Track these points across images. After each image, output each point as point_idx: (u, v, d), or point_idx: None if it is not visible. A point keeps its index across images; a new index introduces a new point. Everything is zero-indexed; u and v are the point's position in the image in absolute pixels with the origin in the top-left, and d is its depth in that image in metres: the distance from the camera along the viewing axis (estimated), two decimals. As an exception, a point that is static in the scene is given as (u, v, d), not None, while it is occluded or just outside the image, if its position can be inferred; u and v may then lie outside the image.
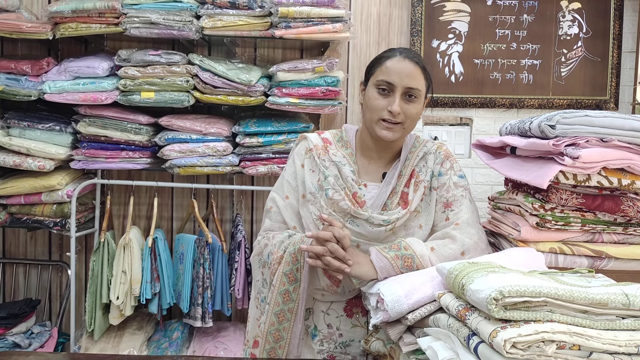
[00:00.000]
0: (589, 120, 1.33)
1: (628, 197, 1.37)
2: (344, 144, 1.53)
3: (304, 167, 1.50)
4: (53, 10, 2.37)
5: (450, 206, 1.46)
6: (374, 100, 1.42)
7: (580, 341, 0.85)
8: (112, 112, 2.47)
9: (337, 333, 1.43)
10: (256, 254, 1.50)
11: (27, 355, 1.38)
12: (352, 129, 1.57)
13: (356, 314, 1.43)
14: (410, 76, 1.40)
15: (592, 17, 2.84)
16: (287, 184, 1.52)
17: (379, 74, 1.43)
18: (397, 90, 1.39)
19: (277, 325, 1.38)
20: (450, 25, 2.84)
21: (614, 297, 0.89)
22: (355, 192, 1.42)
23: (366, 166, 1.51)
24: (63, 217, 2.55)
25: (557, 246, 1.39)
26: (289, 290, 1.37)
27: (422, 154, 1.50)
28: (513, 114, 2.87)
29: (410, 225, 1.44)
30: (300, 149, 1.55)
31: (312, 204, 1.45)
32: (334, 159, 1.47)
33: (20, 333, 2.54)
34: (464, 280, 0.98)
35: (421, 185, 1.46)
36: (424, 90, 1.44)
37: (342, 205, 1.40)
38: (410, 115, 1.41)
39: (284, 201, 1.51)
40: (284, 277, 1.37)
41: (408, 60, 1.41)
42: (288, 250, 1.38)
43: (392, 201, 1.44)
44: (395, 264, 1.29)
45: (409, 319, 1.11)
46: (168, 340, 2.56)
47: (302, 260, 1.36)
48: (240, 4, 2.39)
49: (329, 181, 1.43)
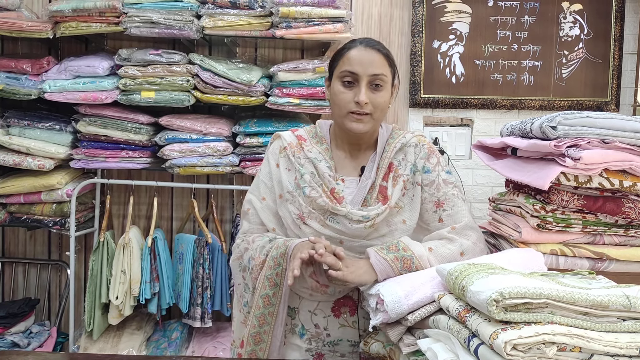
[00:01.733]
0: (591, 122, 1.33)
1: (629, 199, 1.37)
2: (318, 140, 1.50)
3: (279, 167, 1.47)
4: (53, 9, 2.37)
5: (442, 205, 1.44)
6: (339, 94, 1.39)
7: (581, 343, 0.84)
8: (112, 112, 2.47)
9: (325, 333, 1.41)
10: (236, 258, 1.48)
11: (25, 355, 1.38)
12: (326, 124, 1.54)
13: (344, 313, 1.40)
14: (373, 64, 1.37)
15: (593, 19, 2.84)
16: (263, 185, 1.50)
17: (341, 65, 1.40)
18: (362, 80, 1.36)
19: (257, 329, 1.37)
20: (452, 26, 2.83)
21: (615, 299, 0.89)
22: (333, 188, 1.40)
23: (342, 160, 1.48)
24: (62, 217, 2.54)
25: (558, 248, 1.38)
26: (269, 295, 1.35)
27: (400, 145, 1.46)
28: (514, 115, 2.87)
29: (392, 220, 1.41)
30: (275, 148, 1.52)
31: (291, 203, 1.42)
32: (309, 156, 1.44)
33: (19, 332, 2.54)
34: (464, 282, 0.98)
35: (400, 180, 1.42)
36: (389, 76, 1.41)
37: (319, 203, 1.37)
38: (379, 105, 1.38)
39: (260, 203, 1.49)
40: (265, 280, 1.36)
41: (370, 48, 1.39)
42: (271, 254, 1.36)
43: (372, 196, 1.41)
44: (394, 266, 1.28)
45: (409, 319, 1.10)
46: (167, 340, 2.56)
47: (284, 264, 1.34)
48: (241, 4, 2.39)
49: (305, 179, 1.40)
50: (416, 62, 2.81)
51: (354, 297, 1.40)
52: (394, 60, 1.45)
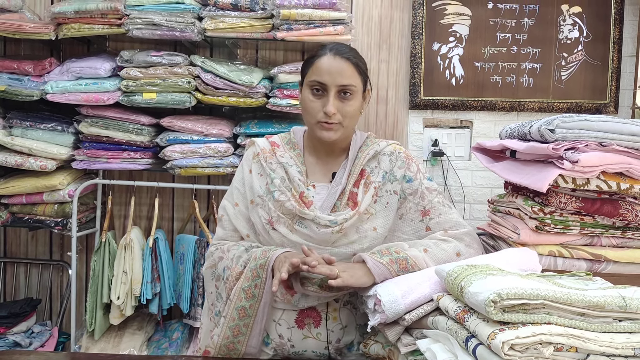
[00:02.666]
0: (588, 125, 1.34)
1: (627, 201, 1.38)
2: (292, 146, 1.49)
3: (252, 172, 1.46)
4: (56, 10, 2.38)
5: (428, 214, 1.42)
6: (309, 102, 1.38)
7: (577, 343, 0.86)
8: (114, 113, 2.48)
9: (289, 344, 1.37)
10: (209, 266, 1.46)
11: (28, 355, 1.39)
12: (300, 130, 1.54)
13: (308, 324, 1.36)
14: (342, 74, 1.35)
15: (593, 21, 2.85)
16: (236, 191, 1.48)
17: (311, 74, 1.39)
18: (330, 90, 1.35)
19: (231, 339, 1.34)
20: (451, 28, 2.85)
21: (611, 299, 0.90)
22: (302, 192, 1.38)
23: (314, 166, 1.47)
24: (64, 217, 2.56)
25: (556, 249, 1.40)
26: (245, 307, 1.32)
27: (373, 152, 1.45)
28: (513, 117, 2.88)
29: (362, 227, 1.38)
30: (249, 154, 1.51)
31: (261, 207, 1.41)
32: (281, 161, 1.44)
33: (20, 332, 2.55)
34: (462, 283, 0.99)
35: (372, 187, 1.41)
36: (359, 85, 1.39)
37: (287, 206, 1.36)
38: (348, 114, 1.37)
39: (234, 209, 1.47)
40: (242, 292, 1.32)
41: (339, 57, 1.36)
42: (249, 266, 1.33)
43: (342, 202, 1.39)
44: (391, 268, 1.26)
45: (406, 319, 1.11)
46: (168, 340, 2.57)
47: (263, 275, 1.31)
48: (242, 6, 2.40)
49: (276, 183, 1.39)
50: (416, 64, 2.83)
51: (319, 308, 1.36)
52: (365, 67, 1.42)
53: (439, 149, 2.84)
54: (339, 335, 1.37)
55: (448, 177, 2.85)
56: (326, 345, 1.36)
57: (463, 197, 2.85)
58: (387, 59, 2.85)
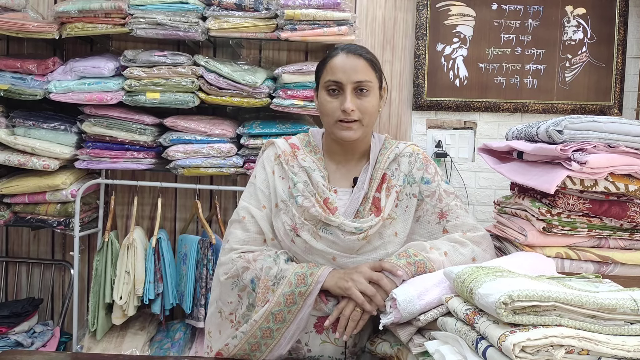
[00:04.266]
0: (597, 126, 1.34)
1: (635, 203, 1.38)
2: (312, 149, 1.47)
3: (275, 174, 1.44)
4: (59, 10, 2.38)
5: (445, 216, 1.42)
6: (326, 103, 1.38)
7: (589, 346, 0.85)
8: (117, 112, 2.48)
9: (306, 348, 1.35)
10: (231, 276, 1.38)
11: (30, 355, 1.38)
12: (318, 132, 1.52)
13: (326, 329, 1.33)
14: (356, 71, 1.35)
15: (597, 23, 2.85)
16: (261, 193, 1.44)
17: (325, 75, 1.39)
18: (346, 88, 1.35)
19: (248, 351, 1.31)
20: (455, 29, 2.84)
21: (622, 302, 0.89)
22: (327, 198, 1.36)
23: (335, 171, 1.45)
24: (67, 217, 2.55)
25: (564, 251, 1.39)
26: (272, 329, 1.28)
27: (394, 155, 1.44)
28: (517, 119, 2.88)
29: (385, 233, 1.37)
30: (270, 155, 1.48)
31: (285, 213, 1.38)
32: (303, 165, 1.41)
33: (22, 332, 2.54)
34: (472, 284, 0.98)
35: (393, 191, 1.39)
36: (375, 81, 1.39)
37: (312, 212, 1.33)
38: (366, 110, 1.37)
39: (261, 211, 1.43)
40: (270, 315, 1.28)
41: (352, 55, 1.37)
42: (282, 291, 1.28)
43: (365, 207, 1.38)
44: (408, 270, 1.25)
45: (420, 320, 1.10)
46: (170, 340, 2.56)
47: (300, 302, 1.27)
48: (246, 6, 2.40)
49: (299, 187, 1.37)
50: (420, 64, 2.82)
51: None
52: (379, 64, 1.42)
53: (443, 150, 2.83)
54: (356, 339, 1.36)
55: (451, 178, 2.85)
56: (343, 350, 1.35)
57: (467, 199, 2.85)
58: (390, 59, 2.85)
